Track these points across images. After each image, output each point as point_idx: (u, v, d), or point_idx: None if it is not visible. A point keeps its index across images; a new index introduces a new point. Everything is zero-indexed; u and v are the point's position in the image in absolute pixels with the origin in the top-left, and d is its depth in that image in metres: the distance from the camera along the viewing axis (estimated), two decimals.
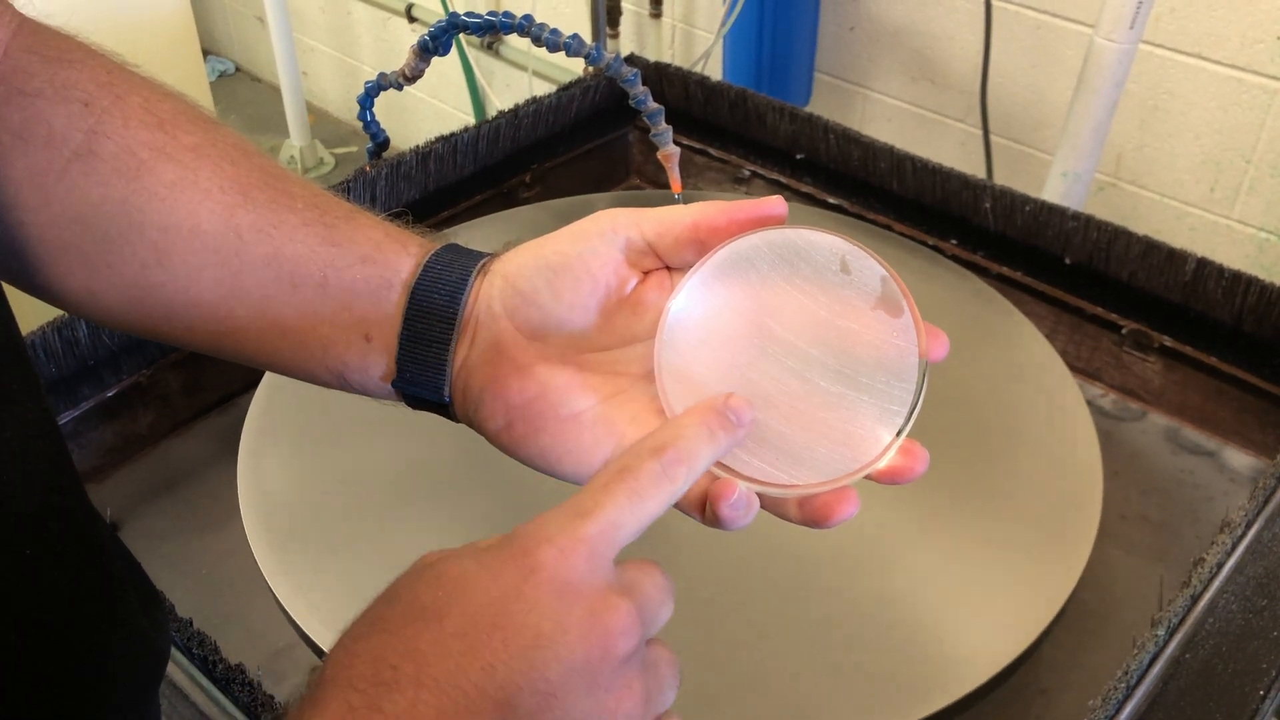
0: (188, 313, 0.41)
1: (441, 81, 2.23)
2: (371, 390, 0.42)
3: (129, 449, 0.81)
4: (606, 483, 0.33)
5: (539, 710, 0.30)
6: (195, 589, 0.71)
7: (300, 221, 0.41)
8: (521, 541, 0.32)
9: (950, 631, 0.61)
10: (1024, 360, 0.80)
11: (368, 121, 0.88)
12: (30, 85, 0.39)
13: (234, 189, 0.40)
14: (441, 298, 0.40)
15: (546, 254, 0.39)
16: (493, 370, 0.39)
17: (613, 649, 0.31)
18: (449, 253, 0.41)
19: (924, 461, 0.36)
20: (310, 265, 0.40)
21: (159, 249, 0.40)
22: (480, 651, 0.30)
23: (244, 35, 2.86)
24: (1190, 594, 0.56)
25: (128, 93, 0.41)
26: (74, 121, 0.39)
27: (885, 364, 0.37)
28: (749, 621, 0.62)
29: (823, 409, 0.37)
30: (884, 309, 0.37)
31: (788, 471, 0.36)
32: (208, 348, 0.42)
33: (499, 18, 0.73)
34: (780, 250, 0.38)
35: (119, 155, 0.39)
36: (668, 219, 0.39)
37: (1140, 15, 1.01)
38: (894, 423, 0.36)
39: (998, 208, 0.87)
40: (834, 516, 0.36)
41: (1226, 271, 0.78)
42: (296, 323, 0.40)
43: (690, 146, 1.06)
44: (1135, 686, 0.52)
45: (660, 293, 0.39)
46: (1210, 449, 0.82)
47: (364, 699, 0.29)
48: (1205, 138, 1.26)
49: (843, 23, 1.52)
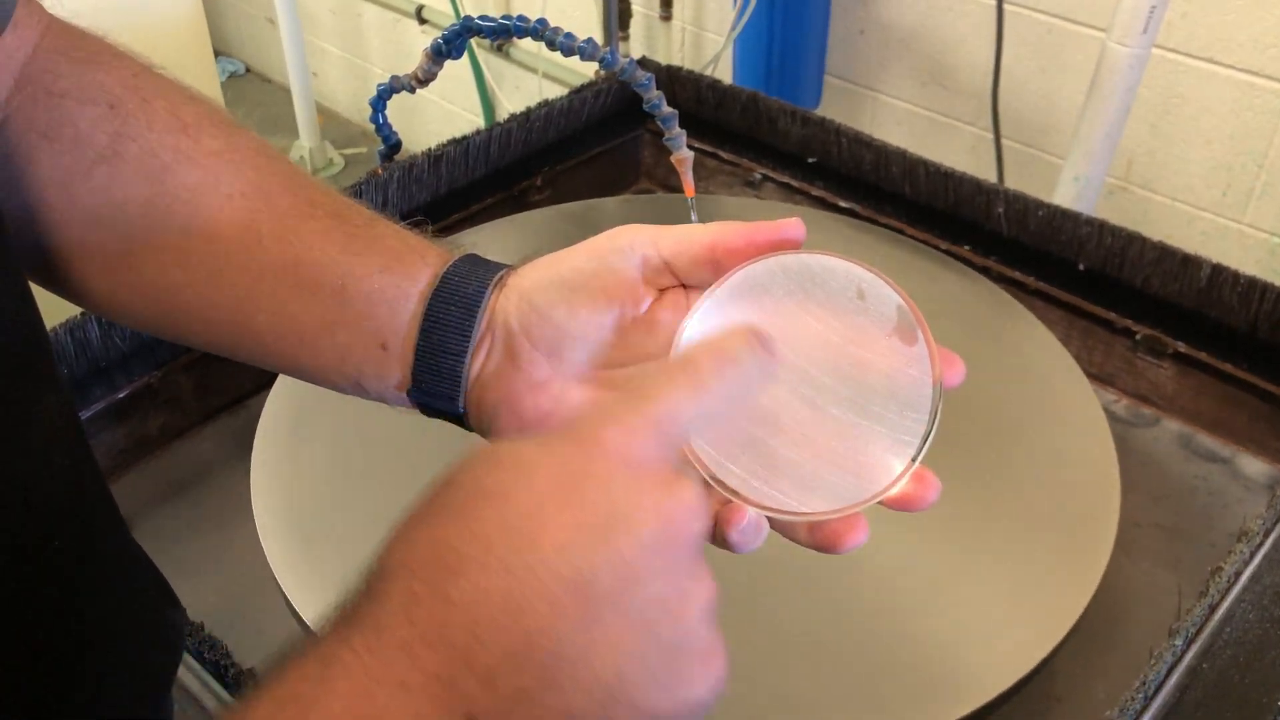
0: (207, 315, 0.41)
1: (451, 83, 2.23)
2: (387, 398, 0.42)
3: (140, 450, 0.81)
4: (667, 372, 0.32)
5: (618, 591, 0.28)
6: (207, 591, 0.71)
7: (320, 229, 0.41)
8: (586, 424, 0.30)
9: (966, 641, 0.61)
10: (1039, 366, 0.79)
11: (380, 124, 0.88)
12: (58, 86, 0.40)
13: (255, 194, 0.41)
14: (458, 311, 0.40)
15: (563, 271, 0.39)
16: (507, 384, 0.40)
17: (686, 528, 0.30)
18: (466, 264, 0.41)
19: (935, 490, 0.36)
20: (329, 273, 0.40)
21: (180, 251, 0.40)
22: (552, 531, 0.28)
23: (255, 36, 2.86)
24: (1208, 603, 0.55)
25: (153, 96, 0.41)
26: (99, 124, 0.40)
27: (898, 394, 0.36)
28: (760, 630, 0.62)
29: (834, 437, 0.36)
30: (899, 337, 0.37)
31: (797, 498, 0.36)
32: (227, 350, 0.43)
33: (513, 21, 0.73)
34: (796, 275, 0.37)
35: (143, 158, 0.40)
36: (685, 238, 0.38)
37: (1153, 20, 1.00)
38: (906, 452, 0.36)
39: (1011, 213, 0.87)
40: (843, 544, 0.36)
41: (1242, 277, 0.77)
42: (314, 329, 0.41)
43: (702, 150, 1.06)
44: (1152, 697, 0.52)
45: (675, 311, 0.39)
46: (1224, 456, 0.82)
47: (427, 586, 0.28)
48: (1217, 142, 1.26)
49: (853, 26, 1.52)
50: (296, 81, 2.33)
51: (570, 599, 0.27)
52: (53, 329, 0.74)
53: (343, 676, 0.27)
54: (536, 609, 0.27)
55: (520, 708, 0.27)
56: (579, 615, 0.28)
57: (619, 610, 0.28)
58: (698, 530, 0.30)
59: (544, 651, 0.27)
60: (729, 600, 0.63)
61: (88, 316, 0.75)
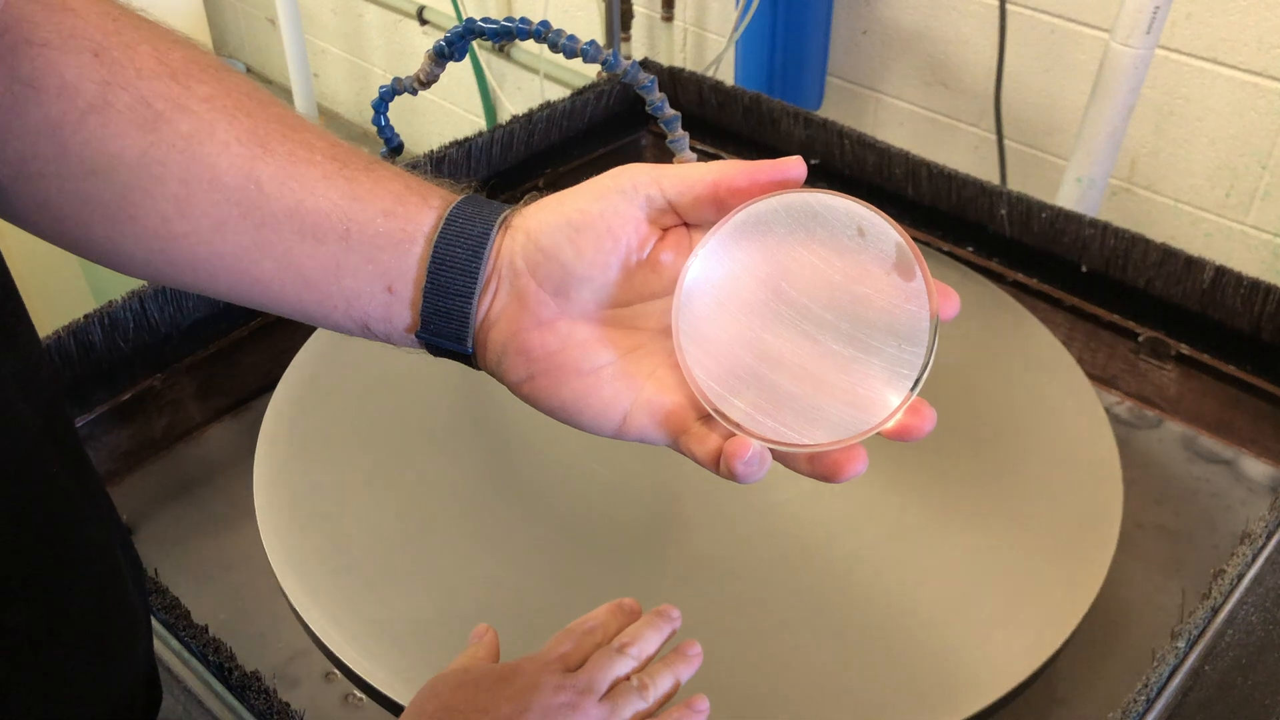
0: (211, 264, 0.41)
1: (453, 84, 2.23)
2: (395, 340, 0.42)
3: (143, 453, 0.81)
4: None
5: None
6: (209, 593, 0.71)
7: (321, 175, 0.41)
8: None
9: (968, 643, 0.61)
10: (1042, 367, 0.79)
11: (382, 126, 0.88)
12: (37, 35, 0.39)
13: (252, 140, 0.40)
14: (464, 252, 0.40)
15: (568, 211, 0.40)
16: (515, 324, 0.40)
17: None
18: (470, 205, 0.41)
19: (931, 420, 0.37)
20: (332, 219, 0.40)
21: (180, 201, 0.40)
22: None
23: (256, 37, 2.86)
24: (1211, 605, 0.55)
25: (136, 41, 0.40)
26: (85, 72, 0.39)
27: (896, 328, 0.37)
28: (763, 632, 0.62)
29: (834, 371, 0.38)
30: (898, 273, 0.38)
31: (799, 430, 0.37)
32: (233, 297, 0.43)
33: (516, 24, 0.73)
34: (797, 214, 0.38)
35: (134, 107, 0.39)
36: (689, 177, 0.39)
37: (1157, 20, 1.00)
38: (903, 385, 0.37)
39: (1014, 214, 0.87)
40: (843, 473, 0.37)
41: (1245, 279, 0.77)
42: (320, 274, 0.41)
43: (704, 151, 1.06)
44: (1155, 699, 0.52)
45: (679, 251, 0.40)
46: (1227, 457, 0.82)
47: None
48: (1220, 143, 1.25)
49: (855, 26, 1.51)
50: (298, 82, 2.33)
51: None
52: (56, 332, 0.74)
53: None
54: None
55: None
56: None
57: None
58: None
59: None
60: (732, 601, 0.63)
61: (90, 319, 0.75)
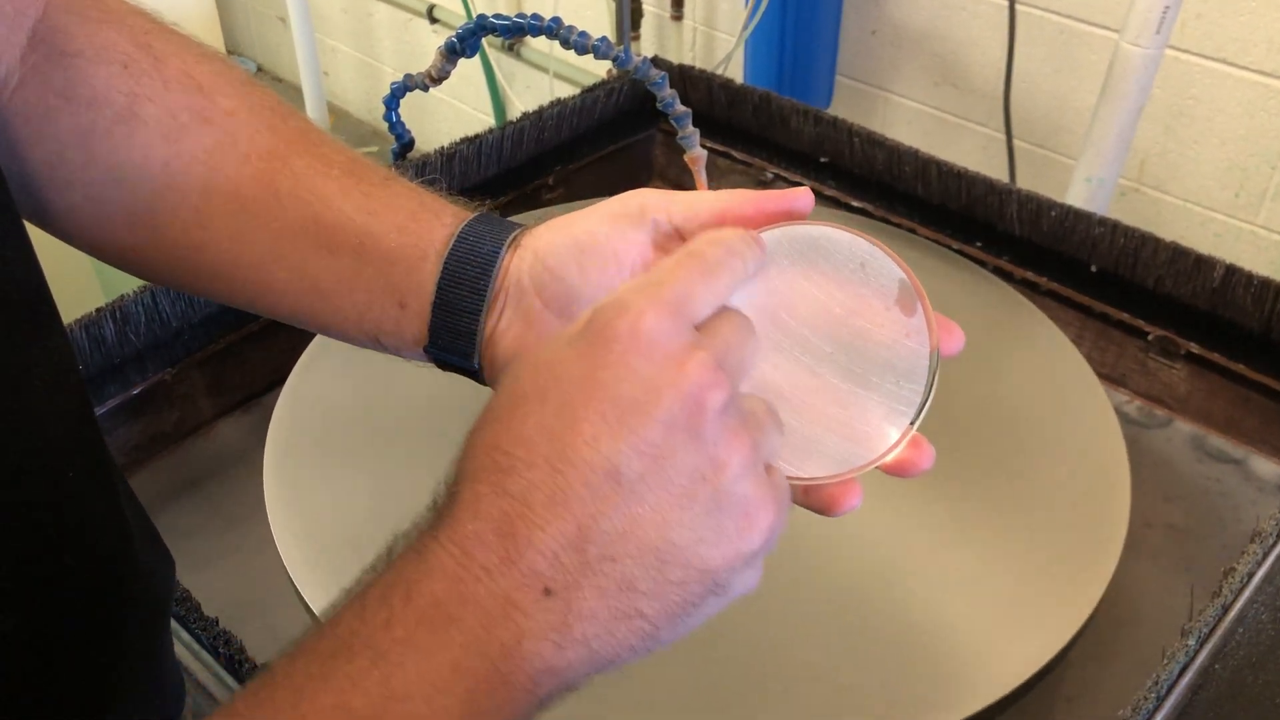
0: (229, 273, 0.42)
1: (462, 82, 2.23)
2: (404, 353, 0.43)
3: (155, 447, 0.82)
4: (677, 261, 0.35)
5: (649, 470, 0.31)
6: (221, 586, 0.72)
7: (338, 189, 0.42)
8: (601, 315, 0.33)
9: (976, 640, 0.61)
10: (1051, 366, 0.79)
11: (393, 123, 0.88)
12: (71, 46, 0.40)
13: (272, 154, 0.42)
14: (474, 269, 0.41)
15: (576, 232, 0.40)
16: (520, 342, 0.41)
17: (705, 401, 0.32)
18: (481, 224, 0.42)
19: (929, 457, 0.37)
20: (347, 233, 0.41)
21: (200, 212, 0.41)
22: (581, 426, 0.31)
23: (266, 36, 2.87)
24: (1221, 604, 0.55)
25: (166, 54, 0.42)
26: (114, 83, 0.40)
27: (896, 365, 0.37)
28: (770, 629, 0.62)
29: (833, 405, 0.38)
30: (899, 308, 0.38)
31: (795, 463, 0.37)
32: (249, 306, 0.44)
33: (527, 20, 0.73)
34: (801, 246, 0.38)
35: (161, 119, 0.41)
36: (696, 205, 0.40)
37: (1167, 20, 1.00)
38: (902, 421, 0.37)
39: (1023, 213, 0.87)
40: (838, 507, 0.37)
41: (1255, 278, 0.77)
42: (333, 287, 0.42)
43: (714, 149, 1.06)
44: (1165, 697, 0.52)
45: None
46: (1237, 457, 0.82)
47: (488, 487, 0.31)
48: (1230, 143, 1.25)
49: (865, 26, 1.51)
50: (308, 80, 2.33)
51: (607, 485, 0.31)
52: (68, 326, 0.74)
53: (437, 565, 0.31)
54: (580, 496, 0.31)
55: (587, 578, 0.31)
56: (618, 498, 0.31)
57: (654, 486, 0.31)
58: (720, 399, 0.32)
59: (594, 531, 0.31)
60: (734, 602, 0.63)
61: (102, 313, 0.75)
